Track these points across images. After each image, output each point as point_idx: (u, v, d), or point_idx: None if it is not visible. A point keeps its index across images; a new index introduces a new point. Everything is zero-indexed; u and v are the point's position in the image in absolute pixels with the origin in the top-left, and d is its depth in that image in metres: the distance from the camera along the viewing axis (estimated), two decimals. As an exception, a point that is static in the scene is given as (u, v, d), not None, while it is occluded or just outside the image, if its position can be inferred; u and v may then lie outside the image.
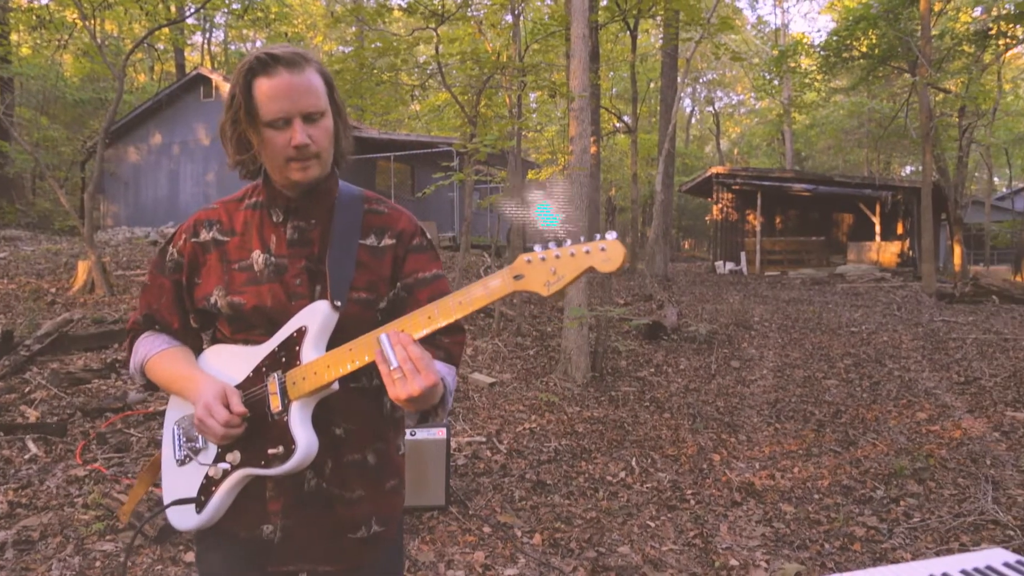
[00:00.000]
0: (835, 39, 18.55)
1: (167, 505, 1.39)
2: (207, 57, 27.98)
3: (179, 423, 1.42)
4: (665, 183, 13.69)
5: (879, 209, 18.91)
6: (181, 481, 1.39)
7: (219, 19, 22.71)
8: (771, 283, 16.14)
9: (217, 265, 1.39)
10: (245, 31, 26.25)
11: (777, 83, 24.29)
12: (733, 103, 42.04)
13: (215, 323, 1.45)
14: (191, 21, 18.99)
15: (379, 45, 10.17)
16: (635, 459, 4.87)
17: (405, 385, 1.14)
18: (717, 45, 13.74)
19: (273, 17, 15.04)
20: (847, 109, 23.89)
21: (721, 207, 21.65)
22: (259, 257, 1.38)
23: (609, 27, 15.80)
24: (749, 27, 35.47)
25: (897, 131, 20.80)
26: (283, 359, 1.31)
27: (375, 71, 10.14)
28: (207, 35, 27.39)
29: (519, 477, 4.45)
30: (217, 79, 16.79)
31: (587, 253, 1.08)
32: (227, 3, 12.58)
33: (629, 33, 15.81)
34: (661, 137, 14.67)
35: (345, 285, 1.34)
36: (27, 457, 4.09)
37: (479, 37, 12.74)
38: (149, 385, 1.47)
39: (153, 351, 1.43)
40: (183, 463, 1.39)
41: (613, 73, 24.45)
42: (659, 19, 15.06)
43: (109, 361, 5.83)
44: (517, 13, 11.16)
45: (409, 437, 3.65)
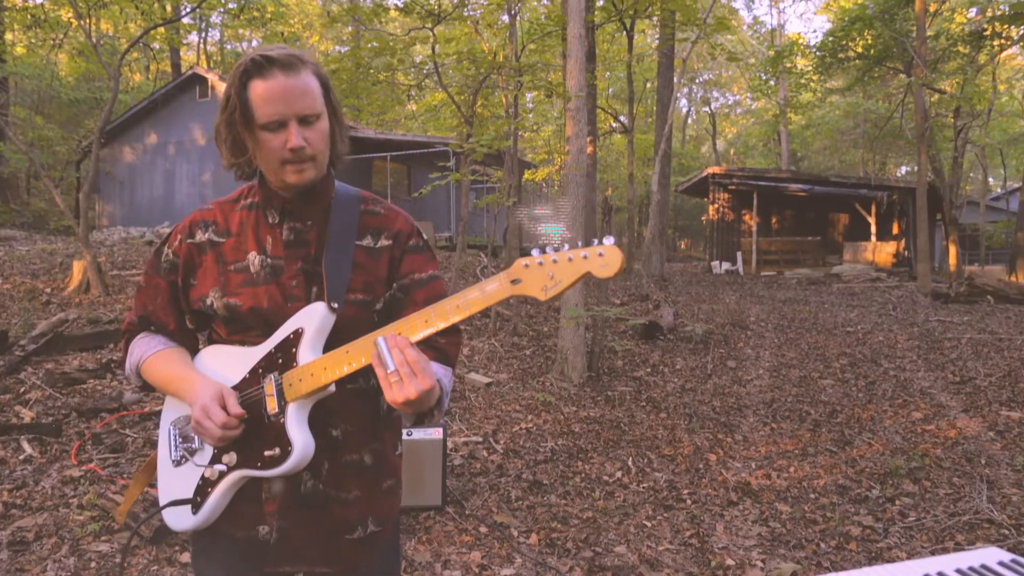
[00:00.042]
0: (831, 40, 18.61)
1: (163, 506, 1.38)
2: (203, 57, 27.91)
3: (175, 423, 1.42)
4: (661, 183, 13.71)
5: (875, 209, 18.96)
6: (177, 482, 1.38)
7: (215, 19, 22.70)
8: (767, 283, 16.17)
9: (213, 266, 1.39)
10: (241, 31, 26.20)
11: (773, 83, 24.30)
12: (729, 103, 42.16)
13: (211, 324, 1.44)
14: (187, 20, 18.95)
15: (375, 45, 10.16)
16: (631, 459, 4.88)
17: (402, 389, 1.14)
18: (713, 45, 13.76)
19: (269, 17, 15.02)
20: (843, 109, 23.97)
21: (717, 207, 21.69)
22: (255, 259, 1.37)
23: (605, 27, 15.81)
24: (745, 27, 35.50)
25: (893, 131, 20.88)
26: (280, 360, 1.31)
27: (371, 71, 10.13)
28: (203, 35, 27.34)
29: (515, 477, 4.45)
30: (213, 79, 16.75)
31: (585, 259, 1.09)
32: (223, 2, 12.54)
33: (625, 33, 15.80)
34: (657, 137, 14.68)
35: (342, 287, 1.33)
36: (22, 458, 4.08)
37: (475, 37, 12.75)
38: (145, 386, 1.46)
39: (149, 352, 1.43)
40: (179, 464, 1.39)
41: (609, 73, 24.47)
42: (655, 19, 15.07)
43: (104, 361, 5.81)
44: (513, 13, 11.17)
45: (405, 437, 3.65)
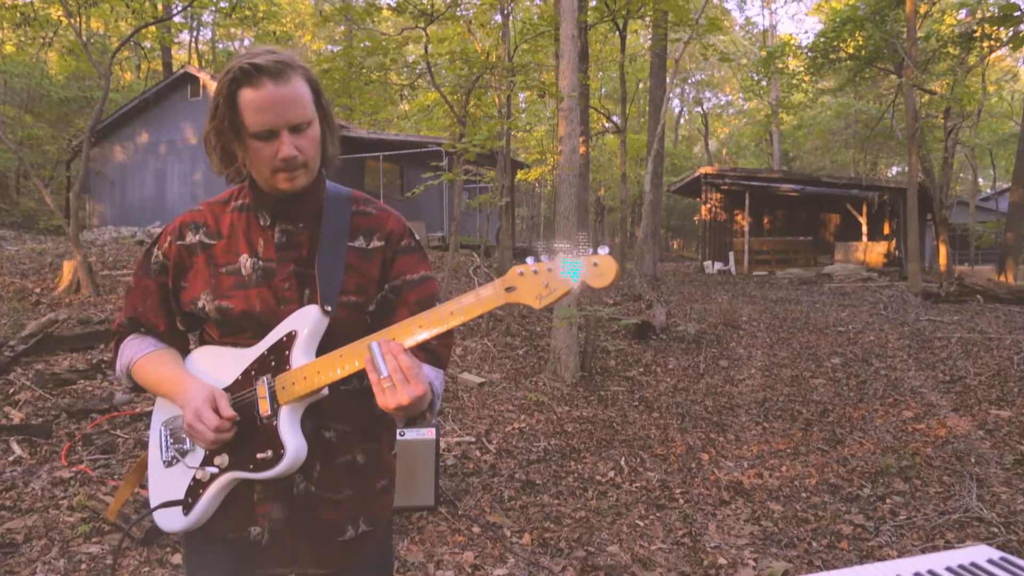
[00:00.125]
0: (822, 40, 18.69)
1: (155, 507, 1.38)
2: (194, 56, 27.79)
3: (166, 424, 1.41)
4: (654, 183, 13.72)
5: (866, 209, 19.05)
6: (168, 483, 1.38)
7: (206, 17, 22.56)
8: (759, 283, 16.22)
9: (204, 268, 1.38)
10: (233, 30, 26.10)
11: (765, 84, 24.41)
12: (721, 104, 42.31)
13: (202, 325, 1.44)
14: (178, 19, 18.89)
15: (368, 44, 10.13)
16: (624, 458, 4.88)
17: (395, 395, 1.14)
18: (706, 46, 13.80)
19: (261, 16, 14.98)
20: (834, 110, 24.06)
21: (710, 207, 21.74)
22: (247, 261, 1.37)
23: (598, 27, 15.83)
24: (737, 28, 35.68)
25: (883, 132, 20.98)
26: (272, 363, 1.30)
27: (364, 70, 10.10)
28: (194, 33, 27.19)
29: (508, 477, 4.45)
30: (204, 78, 16.68)
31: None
32: (214, 1, 12.50)
33: (618, 33, 15.84)
34: (650, 137, 14.71)
35: (335, 289, 1.33)
36: (11, 459, 4.05)
37: (468, 37, 12.74)
38: (136, 388, 1.46)
39: (139, 354, 1.42)
40: (170, 465, 1.38)
41: (602, 73, 24.51)
42: (648, 20, 15.11)
43: (95, 362, 5.78)
44: (506, 13, 11.16)
45: (398, 437, 3.64)
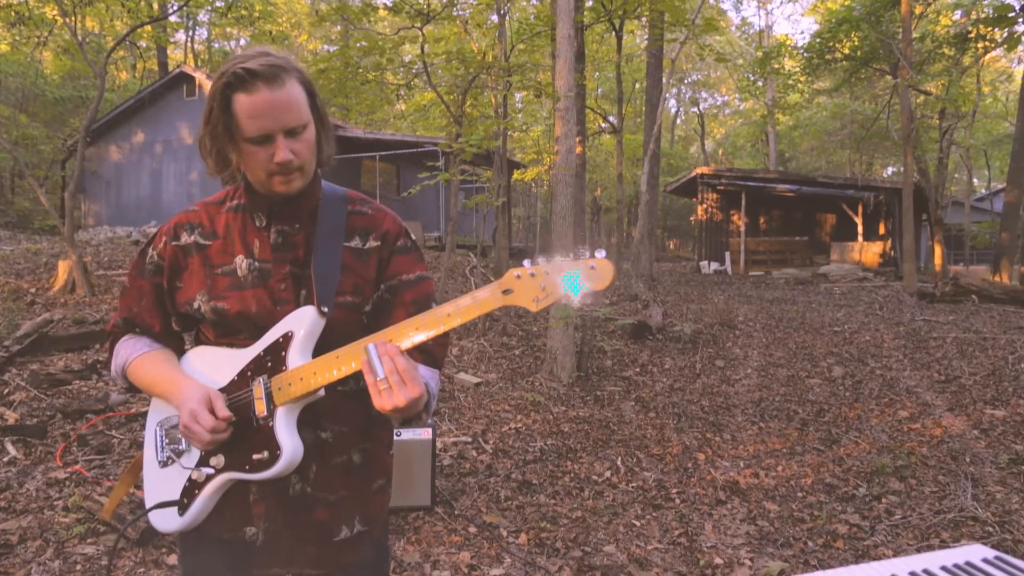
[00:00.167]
0: (818, 41, 18.72)
1: (150, 508, 1.37)
2: (190, 55, 27.73)
3: (161, 424, 1.41)
4: (650, 183, 13.73)
5: (861, 210, 19.10)
6: (163, 483, 1.37)
7: (202, 17, 22.54)
8: (755, 283, 16.25)
9: (199, 269, 1.38)
10: (229, 29, 26.05)
11: (761, 84, 24.44)
12: (718, 104, 42.34)
13: (198, 325, 1.43)
14: (174, 19, 18.86)
15: (364, 44, 10.13)
16: (620, 458, 4.89)
17: (391, 397, 1.14)
18: (702, 46, 13.81)
19: (257, 15, 14.95)
20: (830, 110, 24.12)
21: (706, 207, 21.78)
22: (243, 262, 1.36)
23: (595, 27, 15.85)
24: (733, 28, 35.68)
25: (879, 132, 21.03)
26: (269, 364, 1.30)
27: (360, 70, 10.09)
28: (190, 33, 27.15)
29: (505, 477, 4.45)
30: (200, 77, 16.65)
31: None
32: (210, 1, 12.47)
33: (615, 34, 15.83)
34: (646, 137, 14.72)
35: (331, 290, 1.33)
36: (6, 460, 4.03)
37: (465, 37, 12.73)
38: (131, 388, 1.45)
39: (134, 354, 1.42)
40: (165, 465, 1.38)
41: (599, 73, 24.50)
42: (644, 20, 15.11)
43: (90, 362, 5.76)
44: (503, 13, 11.16)
45: (395, 438, 3.64)
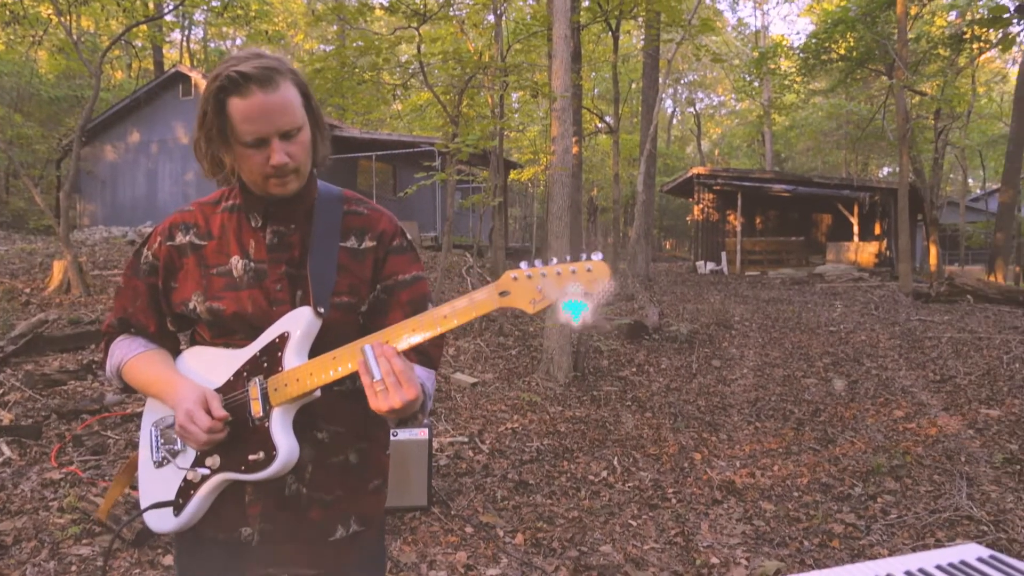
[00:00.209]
0: (814, 42, 18.77)
1: (146, 508, 1.37)
2: (186, 55, 27.65)
3: (156, 425, 1.40)
4: (647, 183, 13.75)
5: (857, 210, 19.15)
6: (158, 483, 1.37)
7: (198, 16, 22.47)
8: (751, 283, 16.28)
9: (195, 270, 1.37)
10: (225, 29, 26.01)
11: (757, 85, 24.50)
12: (714, 104, 42.43)
13: (193, 325, 1.43)
14: (169, 18, 18.78)
15: (361, 44, 10.10)
16: (617, 458, 4.89)
17: (387, 398, 1.14)
18: (698, 47, 13.83)
19: (253, 15, 14.93)
20: (826, 111, 24.17)
21: (702, 207, 21.80)
22: (238, 263, 1.36)
23: (591, 28, 15.85)
24: (730, 29, 35.74)
25: (875, 133, 21.08)
26: (265, 364, 1.30)
27: (356, 70, 10.07)
28: (186, 32, 27.07)
29: (501, 477, 4.45)
30: (196, 77, 16.60)
31: (573, 273, 1.09)
32: (206, 0, 12.44)
33: (611, 34, 15.86)
34: (643, 138, 14.74)
35: (327, 290, 1.32)
36: (1, 460, 4.02)
37: (461, 37, 12.72)
38: (127, 388, 1.45)
39: (130, 355, 1.41)
40: (161, 465, 1.38)
41: (595, 74, 24.51)
42: (641, 20, 15.13)
43: (85, 362, 5.74)
44: (499, 13, 11.17)
45: (392, 438, 3.64)
